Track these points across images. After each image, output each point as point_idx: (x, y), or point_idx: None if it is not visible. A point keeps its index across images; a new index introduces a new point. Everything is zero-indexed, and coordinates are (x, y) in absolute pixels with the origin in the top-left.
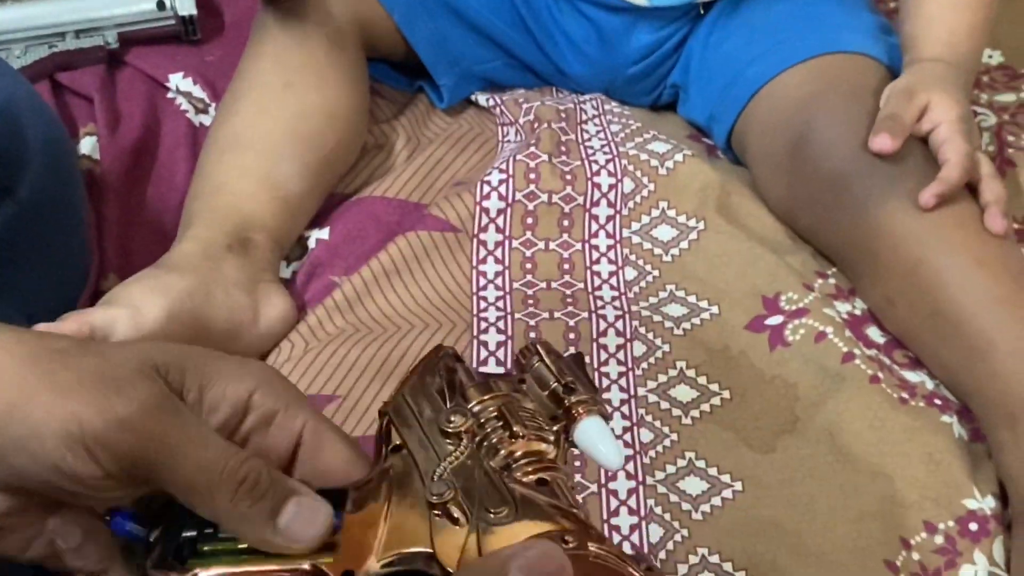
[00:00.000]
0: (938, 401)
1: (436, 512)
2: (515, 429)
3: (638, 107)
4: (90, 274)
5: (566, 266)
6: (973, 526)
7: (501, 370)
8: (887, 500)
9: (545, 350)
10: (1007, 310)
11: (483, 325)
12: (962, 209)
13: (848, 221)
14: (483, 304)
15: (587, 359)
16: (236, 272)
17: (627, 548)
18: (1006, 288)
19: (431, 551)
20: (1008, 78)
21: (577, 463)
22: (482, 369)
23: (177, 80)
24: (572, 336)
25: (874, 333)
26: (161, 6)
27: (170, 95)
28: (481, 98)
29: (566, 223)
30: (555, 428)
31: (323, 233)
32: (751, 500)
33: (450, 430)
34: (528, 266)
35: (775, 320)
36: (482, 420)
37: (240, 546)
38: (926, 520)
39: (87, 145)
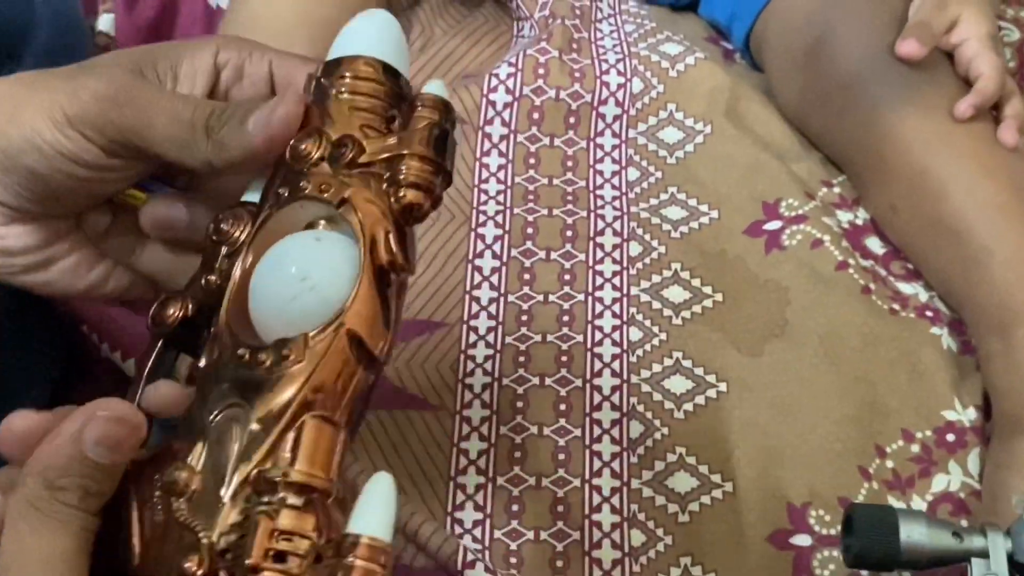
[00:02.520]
0: (929, 313)
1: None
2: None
3: (659, 5)
4: None
5: (569, 163)
6: (950, 437)
7: (497, 263)
8: (867, 406)
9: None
10: (1007, 219)
11: (481, 218)
12: (974, 119)
13: (858, 124)
14: (483, 197)
15: (582, 257)
16: None
17: (607, 442)
18: (1009, 198)
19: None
20: None
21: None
22: (478, 262)
23: None
24: (569, 234)
25: (873, 244)
26: None
27: None
28: None
29: (572, 120)
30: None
31: None
32: (734, 401)
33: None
34: (531, 161)
35: (773, 225)
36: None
37: None
38: (904, 428)
39: (105, 22)
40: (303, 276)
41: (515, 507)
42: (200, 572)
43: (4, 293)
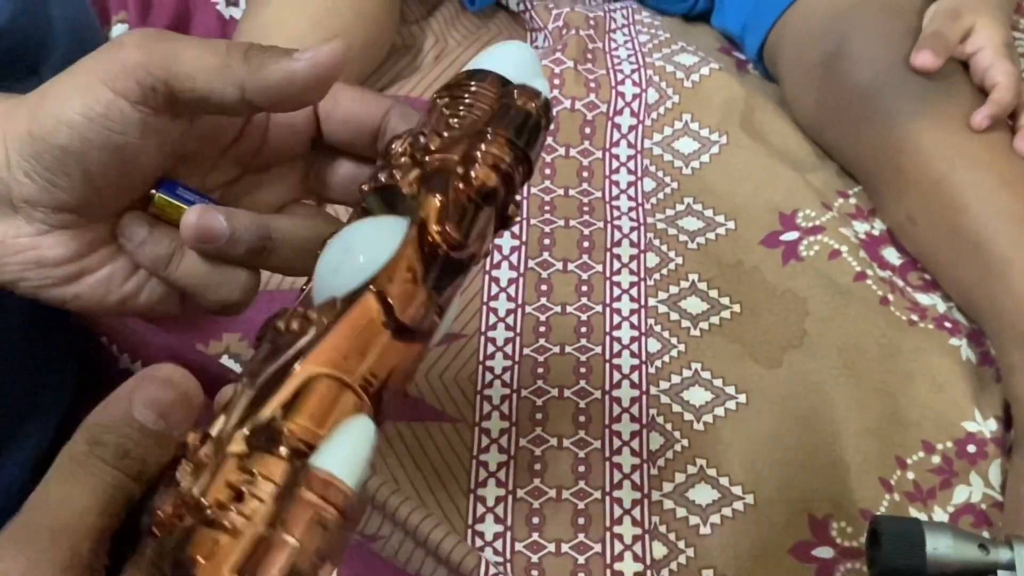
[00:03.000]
0: (948, 324)
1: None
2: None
3: (671, 16)
4: None
5: (585, 174)
6: (971, 448)
7: (514, 274)
8: (887, 418)
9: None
10: None
11: None
12: (991, 129)
13: (875, 134)
14: None
15: (599, 268)
16: None
17: (627, 454)
18: None
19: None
20: None
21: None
22: (495, 273)
23: None
24: (586, 244)
25: (890, 254)
26: None
27: None
28: (512, 2)
29: (587, 130)
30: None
31: None
32: (754, 413)
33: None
34: (547, 171)
35: (790, 236)
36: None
37: None
38: (924, 440)
39: (119, 31)
40: (346, 248)
41: (535, 519)
42: (167, 513)
43: (18, 306)
